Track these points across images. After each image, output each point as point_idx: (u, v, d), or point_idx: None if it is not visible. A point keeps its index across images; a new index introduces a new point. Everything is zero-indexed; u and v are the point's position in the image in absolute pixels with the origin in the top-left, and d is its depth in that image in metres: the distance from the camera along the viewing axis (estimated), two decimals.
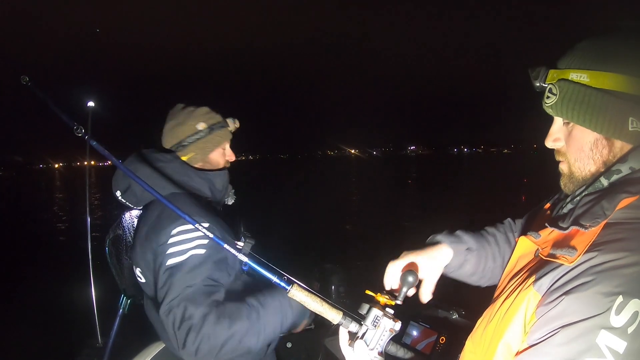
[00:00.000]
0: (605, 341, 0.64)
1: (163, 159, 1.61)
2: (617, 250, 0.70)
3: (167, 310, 1.30)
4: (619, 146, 0.84)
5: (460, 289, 1.46)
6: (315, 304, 1.05)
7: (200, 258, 1.37)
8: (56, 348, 3.74)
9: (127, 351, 1.99)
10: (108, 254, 1.77)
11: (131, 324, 2.00)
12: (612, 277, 0.67)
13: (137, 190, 1.59)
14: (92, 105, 2.24)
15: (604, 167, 0.86)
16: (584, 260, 0.72)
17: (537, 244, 0.91)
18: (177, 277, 1.33)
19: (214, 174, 1.68)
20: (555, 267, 0.77)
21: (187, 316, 1.28)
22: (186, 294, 1.30)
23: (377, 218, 13.95)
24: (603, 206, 0.76)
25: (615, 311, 0.65)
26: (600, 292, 0.67)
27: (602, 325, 0.65)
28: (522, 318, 0.79)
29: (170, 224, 1.41)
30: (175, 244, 1.38)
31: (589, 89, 0.82)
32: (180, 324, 1.28)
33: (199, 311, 1.28)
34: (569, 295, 0.70)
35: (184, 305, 1.29)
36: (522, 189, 20.98)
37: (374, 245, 8.31)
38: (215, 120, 1.71)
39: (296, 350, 2.79)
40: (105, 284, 2.06)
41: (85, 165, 2.55)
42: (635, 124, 0.80)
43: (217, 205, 1.73)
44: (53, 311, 5.32)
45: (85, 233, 2.24)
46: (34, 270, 8.16)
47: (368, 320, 1.01)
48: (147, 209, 1.57)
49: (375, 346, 1.01)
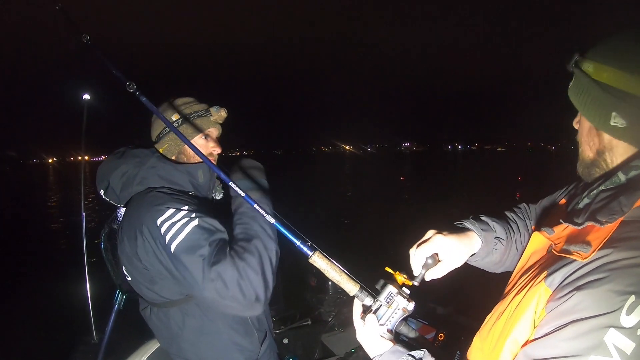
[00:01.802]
0: (614, 340, 0.63)
1: (140, 155, 1.58)
2: (634, 249, 0.68)
3: (208, 288, 1.30)
4: (606, 138, 0.85)
5: (460, 287, 1.45)
6: (335, 273, 1.08)
7: (196, 228, 1.36)
8: (51, 344, 3.72)
9: (123, 347, 1.98)
10: (103, 248, 1.75)
11: (127, 319, 1.98)
12: (626, 276, 0.66)
13: (115, 188, 1.56)
14: (87, 98, 2.23)
15: (597, 155, 0.88)
16: (598, 257, 0.71)
17: (551, 240, 0.90)
18: (190, 256, 1.31)
19: (194, 166, 1.60)
20: (568, 263, 0.76)
21: (225, 278, 1.29)
22: (208, 262, 1.30)
23: (374, 213, 13.98)
24: (621, 202, 0.75)
25: (627, 311, 0.63)
26: (613, 290, 0.65)
27: (612, 324, 0.63)
28: (532, 314, 0.78)
29: (152, 218, 1.38)
30: (167, 232, 1.35)
31: (589, 79, 0.84)
32: (227, 286, 1.29)
33: (229, 265, 1.30)
34: (580, 290, 0.69)
35: (215, 271, 1.29)
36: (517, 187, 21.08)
37: (372, 241, 8.33)
38: (191, 110, 1.63)
39: (293, 346, 2.78)
40: (100, 280, 2.04)
41: (80, 160, 2.52)
42: (616, 119, 0.81)
43: (204, 199, 1.67)
44: (48, 307, 5.29)
45: (80, 228, 2.23)
46: (29, 266, 8.13)
47: (382, 296, 1.03)
48: (128, 207, 1.54)
49: (386, 323, 1.02)
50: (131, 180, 1.53)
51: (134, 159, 1.56)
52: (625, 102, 0.79)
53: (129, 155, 1.58)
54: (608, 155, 0.86)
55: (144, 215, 1.40)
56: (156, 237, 1.37)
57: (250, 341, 1.61)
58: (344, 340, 2.83)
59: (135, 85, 1.25)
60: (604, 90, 0.82)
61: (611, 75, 0.80)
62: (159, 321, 1.56)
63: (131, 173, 1.54)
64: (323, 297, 2.94)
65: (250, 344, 1.61)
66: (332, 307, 2.94)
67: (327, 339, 2.86)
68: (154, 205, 1.40)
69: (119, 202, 1.60)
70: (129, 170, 1.54)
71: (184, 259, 1.32)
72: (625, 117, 0.80)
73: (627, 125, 0.80)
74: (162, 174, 1.54)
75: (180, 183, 1.56)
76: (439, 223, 1.18)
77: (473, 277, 1.48)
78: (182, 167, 1.58)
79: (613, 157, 0.85)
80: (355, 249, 7.24)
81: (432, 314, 2.03)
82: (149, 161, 1.56)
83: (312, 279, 3.00)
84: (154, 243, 1.37)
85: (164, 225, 1.36)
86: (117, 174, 1.55)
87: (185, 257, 1.32)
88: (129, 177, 1.54)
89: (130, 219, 1.46)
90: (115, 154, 1.62)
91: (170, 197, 1.45)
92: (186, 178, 1.58)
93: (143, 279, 1.48)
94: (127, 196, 1.55)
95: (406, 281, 1.05)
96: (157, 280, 1.45)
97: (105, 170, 1.59)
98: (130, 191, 1.53)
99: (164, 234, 1.35)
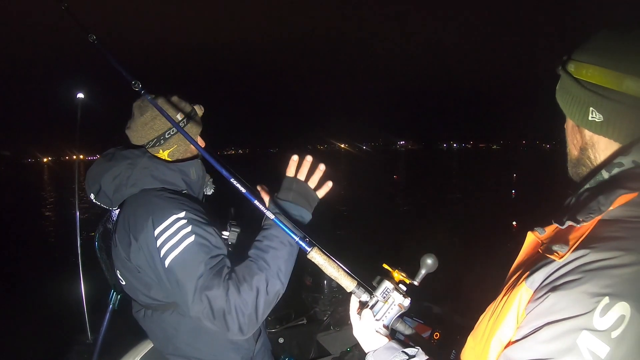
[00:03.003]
0: (587, 343, 0.62)
1: (130, 156, 1.54)
2: (611, 249, 0.68)
3: (194, 310, 1.29)
4: (587, 135, 0.86)
5: (456, 286, 1.46)
6: (332, 269, 1.10)
7: (193, 244, 1.33)
8: (46, 344, 3.71)
9: (118, 347, 1.97)
10: (97, 248, 1.73)
11: (121, 319, 1.97)
12: (600, 277, 0.65)
13: (108, 192, 1.53)
14: (81, 97, 2.21)
15: (581, 153, 0.89)
16: (575, 257, 0.70)
17: (541, 239, 0.90)
18: (184, 274, 1.30)
19: (186, 165, 1.59)
20: (549, 263, 0.75)
21: (214, 306, 1.27)
22: (200, 285, 1.28)
23: (370, 212, 14.00)
24: (599, 201, 0.74)
25: (600, 313, 0.62)
26: (587, 291, 0.65)
27: (585, 327, 0.62)
28: (514, 314, 0.78)
29: (148, 227, 1.37)
30: (163, 244, 1.34)
31: (570, 77, 0.86)
32: (213, 315, 1.27)
33: (220, 294, 1.27)
34: (555, 292, 0.68)
35: (205, 297, 1.27)
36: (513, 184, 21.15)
37: (368, 240, 8.34)
38: (189, 108, 1.64)
39: (289, 345, 2.78)
40: (95, 280, 2.03)
41: (74, 160, 2.51)
42: (594, 114, 0.82)
43: (196, 197, 1.67)
44: (42, 307, 5.27)
45: (74, 228, 2.22)
46: (23, 266, 8.07)
47: (378, 291, 1.04)
48: (122, 210, 1.53)
49: (382, 318, 1.04)
50: (124, 182, 1.51)
51: (125, 161, 1.53)
52: (602, 96, 0.80)
53: (120, 157, 1.55)
54: (591, 151, 0.87)
55: (140, 223, 1.39)
56: (152, 247, 1.35)
57: (245, 339, 1.60)
58: (339, 339, 2.83)
59: (140, 84, 1.27)
60: (582, 86, 0.83)
61: (589, 72, 0.82)
62: (153, 324, 1.55)
63: (123, 175, 1.51)
64: (318, 296, 2.94)
65: (245, 342, 1.60)
66: (328, 306, 2.93)
67: (322, 338, 2.86)
68: (150, 213, 1.38)
69: (111, 205, 1.58)
70: (121, 173, 1.52)
71: (178, 275, 1.31)
72: (602, 112, 0.81)
73: (604, 119, 0.81)
74: (156, 174, 1.52)
75: (173, 182, 1.55)
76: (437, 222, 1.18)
77: (469, 277, 1.48)
78: (175, 166, 1.57)
79: (596, 154, 0.86)
80: (353, 249, 7.25)
81: (428, 313, 2.03)
82: (141, 162, 1.53)
83: (308, 278, 2.99)
84: (148, 252, 1.36)
85: (161, 236, 1.35)
86: (108, 177, 1.52)
87: (179, 273, 1.31)
88: (121, 179, 1.51)
89: (125, 224, 1.45)
90: (105, 156, 1.58)
91: (167, 202, 1.43)
92: (179, 176, 1.56)
93: (138, 283, 1.47)
94: (120, 198, 1.54)
95: (404, 279, 1.07)
96: (151, 285, 1.44)
97: (95, 173, 1.56)
98: (124, 193, 1.52)
99: (160, 246, 1.34)
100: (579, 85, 0.84)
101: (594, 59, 0.82)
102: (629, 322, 0.61)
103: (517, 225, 8.98)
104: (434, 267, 1.07)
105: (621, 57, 0.78)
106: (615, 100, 0.79)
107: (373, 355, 1.00)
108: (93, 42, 1.32)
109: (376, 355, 0.99)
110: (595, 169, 0.86)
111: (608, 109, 0.80)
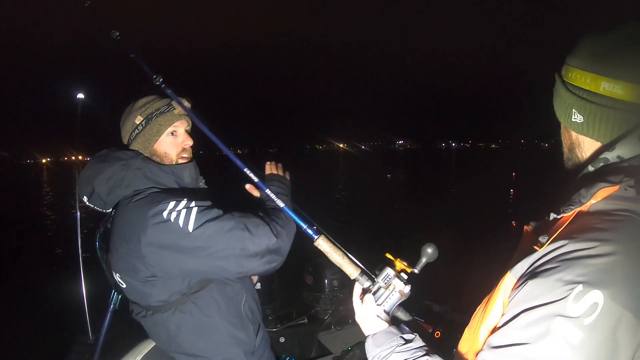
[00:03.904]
0: (560, 329, 0.64)
1: (124, 157, 1.55)
2: (588, 240, 0.69)
3: (234, 238, 1.39)
4: (573, 135, 0.89)
5: (456, 284, 1.46)
6: (337, 256, 1.17)
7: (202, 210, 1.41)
8: (47, 344, 3.70)
9: (119, 347, 1.97)
10: (98, 248, 1.73)
11: (122, 319, 1.97)
12: (576, 266, 0.67)
13: (101, 193, 1.53)
14: (81, 97, 2.22)
15: (570, 151, 0.92)
16: (554, 247, 0.72)
17: (532, 232, 0.93)
18: (214, 225, 1.39)
19: (179, 167, 1.60)
20: (531, 253, 0.78)
21: (249, 226, 1.41)
22: (235, 223, 1.41)
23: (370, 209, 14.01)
24: (581, 194, 0.77)
25: (574, 300, 0.64)
26: (562, 279, 0.67)
27: (558, 313, 0.64)
28: (501, 303, 0.81)
29: (147, 219, 1.37)
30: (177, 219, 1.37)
31: (560, 80, 0.89)
32: (250, 232, 1.40)
33: (254, 221, 1.44)
34: (532, 279, 0.71)
35: (242, 224, 1.41)
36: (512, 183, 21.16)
37: (369, 237, 8.34)
38: (152, 109, 1.60)
39: (289, 344, 2.79)
40: (96, 279, 2.03)
41: (73, 160, 2.51)
42: (576, 116, 0.85)
43: None
44: (43, 308, 5.27)
45: (75, 228, 2.22)
46: (24, 266, 8.07)
47: (380, 277, 1.10)
48: (117, 213, 1.53)
49: (383, 303, 1.08)
50: (118, 184, 1.51)
51: (119, 162, 1.54)
52: (581, 99, 0.83)
53: (113, 159, 1.55)
54: (578, 150, 0.90)
55: (135, 221, 1.40)
56: (158, 230, 1.37)
57: (246, 334, 1.61)
58: (340, 338, 2.83)
59: (161, 78, 1.32)
60: (567, 89, 0.86)
61: (573, 74, 0.85)
62: (155, 324, 1.56)
63: (117, 176, 1.51)
64: (319, 296, 2.95)
65: (246, 337, 1.62)
66: (329, 306, 2.94)
67: (323, 337, 2.87)
68: (147, 207, 1.39)
69: (105, 207, 1.58)
70: (115, 174, 1.52)
71: (207, 230, 1.37)
72: (582, 113, 0.84)
73: (584, 120, 0.84)
74: (149, 175, 1.53)
75: (166, 183, 1.55)
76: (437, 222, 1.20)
77: (470, 275, 1.49)
78: (167, 168, 1.58)
79: (582, 152, 0.89)
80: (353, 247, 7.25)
81: (428, 311, 2.04)
82: (134, 163, 1.54)
83: (308, 277, 3.00)
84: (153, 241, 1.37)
85: (170, 216, 1.37)
86: (102, 179, 1.52)
87: (207, 228, 1.38)
88: (115, 181, 1.51)
89: (120, 227, 1.46)
90: (97, 158, 1.59)
91: (162, 195, 1.44)
92: (172, 178, 1.57)
93: (139, 284, 1.47)
94: (114, 200, 1.54)
95: (405, 267, 1.11)
96: (153, 282, 1.44)
97: (88, 175, 1.56)
98: (118, 195, 1.52)
99: (175, 221, 1.37)
100: (564, 88, 0.87)
101: (577, 62, 0.84)
102: (601, 310, 0.62)
103: (516, 224, 8.99)
104: (434, 256, 1.11)
105: (599, 60, 0.80)
106: (593, 102, 0.81)
107: (372, 338, 1.04)
108: (116, 39, 1.39)
109: (375, 338, 1.03)
110: (582, 164, 0.89)
111: (587, 110, 0.83)
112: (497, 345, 0.71)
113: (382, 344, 1.00)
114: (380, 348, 0.99)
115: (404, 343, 0.98)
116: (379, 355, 0.98)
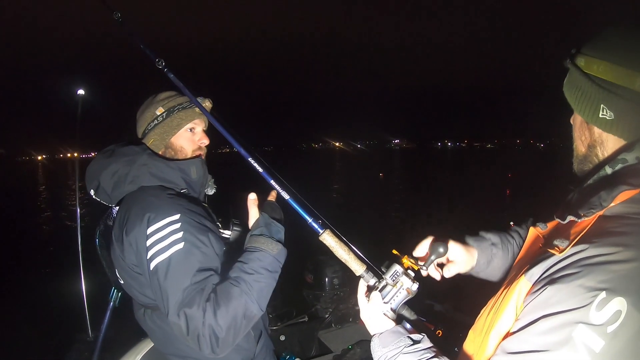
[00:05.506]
0: (582, 337, 0.62)
1: (130, 152, 1.54)
2: (611, 245, 0.67)
3: (172, 321, 1.29)
4: (597, 132, 0.85)
5: (457, 284, 1.45)
6: (343, 252, 1.12)
7: (181, 252, 1.32)
8: (47, 342, 3.70)
9: (118, 344, 1.96)
10: (98, 245, 1.72)
11: (122, 317, 1.96)
12: (598, 272, 0.65)
13: (106, 188, 1.52)
14: (82, 93, 2.20)
15: (589, 150, 0.88)
16: (575, 252, 0.70)
17: (543, 235, 0.91)
18: (167, 282, 1.30)
19: (186, 163, 1.58)
20: (548, 257, 0.76)
21: (190, 325, 1.26)
22: (181, 300, 1.28)
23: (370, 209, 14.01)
24: (601, 197, 0.74)
25: (597, 307, 0.62)
26: (584, 285, 0.65)
27: (581, 320, 0.63)
28: (513, 307, 0.78)
29: (142, 225, 1.35)
30: (153, 245, 1.33)
31: (580, 73, 0.85)
32: (187, 333, 1.27)
33: (198, 315, 1.26)
34: (552, 285, 0.69)
35: (183, 314, 1.27)
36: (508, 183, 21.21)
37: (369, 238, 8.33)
38: (175, 102, 1.62)
39: (290, 343, 2.78)
40: (95, 277, 2.02)
41: (69, 157, 2.50)
42: (605, 112, 0.81)
43: (197, 197, 1.65)
44: (43, 305, 5.26)
45: (75, 225, 2.21)
46: (24, 264, 8.05)
47: (388, 274, 1.06)
48: (120, 207, 1.51)
49: (390, 301, 1.05)
50: (122, 180, 1.50)
51: (124, 158, 1.52)
52: (613, 94, 0.80)
53: (119, 154, 1.54)
54: (599, 149, 0.86)
55: (133, 220, 1.38)
56: (141, 245, 1.35)
57: (246, 340, 1.58)
58: (340, 336, 2.83)
59: (164, 62, 1.29)
60: (593, 82, 0.82)
61: (600, 68, 0.81)
62: (154, 324, 1.54)
63: (122, 172, 1.50)
64: (320, 294, 2.95)
65: (246, 343, 1.58)
66: (329, 304, 2.94)
67: (324, 335, 2.86)
68: (145, 211, 1.37)
69: (110, 201, 1.57)
70: (120, 169, 1.51)
71: (161, 281, 1.31)
72: (613, 109, 0.80)
73: (615, 117, 0.81)
74: (154, 172, 1.51)
75: (172, 180, 1.54)
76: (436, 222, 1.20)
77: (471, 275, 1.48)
78: (174, 164, 1.55)
79: (604, 151, 0.86)
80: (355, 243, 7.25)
81: (430, 311, 2.04)
82: (140, 159, 1.52)
83: (309, 275, 3.00)
84: (137, 250, 1.37)
85: (151, 237, 1.34)
86: (107, 174, 1.51)
87: (162, 280, 1.31)
88: (120, 177, 1.50)
89: (120, 222, 1.44)
90: (104, 153, 1.58)
91: (163, 202, 1.42)
92: (178, 175, 1.55)
93: (135, 282, 1.46)
94: (119, 195, 1.53)
95: (412, 265, 1.08)
96: (145, 283, 1.43)
97: (94, 170, 1.55)
98: (122, 190, 1.51)
99: (149, 247, 1.33)
100: (589, 80, 0.83)
101: (606, 55, 0.81)
102: (625, 317, 0.61)
103: (514, 225, 8.99)
104: (443, 254, 1.08)
105: (634, 55, 0.78)
106: (627, 98, 0.78)
107: (379, 337, 1.00)
108: (118, 20, 1.35)
109: (382, 337, 0.99)
110: (599, 164, 0.86)
111: (619, 106, 0.79)
112: (514, 351, 0.70)
113: (389, 343, 0.97)
114: (387, 348, 0.96)
115: (412, 344, 0.95)
116: (386, 356, 0.95)
